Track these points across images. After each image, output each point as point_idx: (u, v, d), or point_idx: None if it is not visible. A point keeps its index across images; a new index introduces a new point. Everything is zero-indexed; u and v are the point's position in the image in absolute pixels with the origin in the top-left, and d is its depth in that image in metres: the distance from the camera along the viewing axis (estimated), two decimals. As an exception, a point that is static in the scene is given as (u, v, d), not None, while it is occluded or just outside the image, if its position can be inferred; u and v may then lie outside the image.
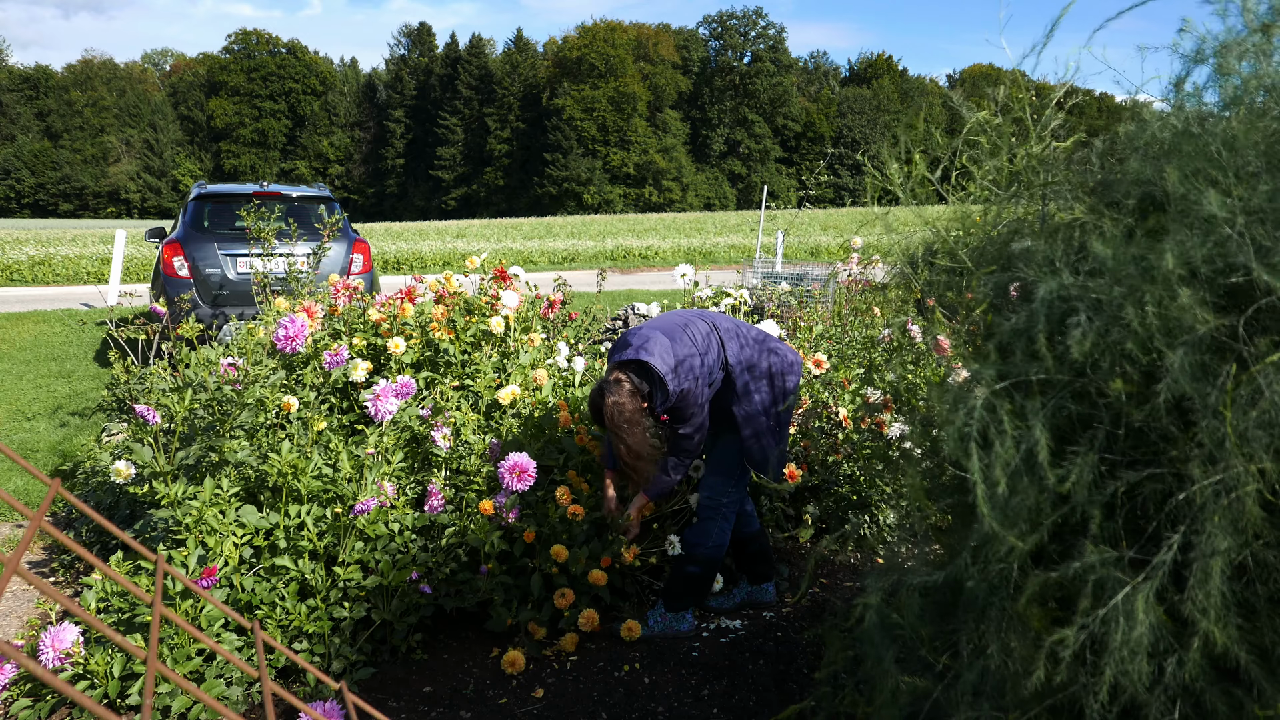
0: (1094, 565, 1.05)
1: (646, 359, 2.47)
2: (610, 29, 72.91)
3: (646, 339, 2.53)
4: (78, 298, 12.81)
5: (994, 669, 1.23)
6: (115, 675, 2.29)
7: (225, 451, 2.68)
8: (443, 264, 20.77)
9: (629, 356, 2.50)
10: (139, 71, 78.57)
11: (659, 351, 2.49)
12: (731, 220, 36.01)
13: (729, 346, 2.65)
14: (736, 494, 2.75)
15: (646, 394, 2.51)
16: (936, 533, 1.68)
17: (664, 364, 2.47)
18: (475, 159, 74.17)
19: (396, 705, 2.41)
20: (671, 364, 2.49)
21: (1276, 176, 1.03)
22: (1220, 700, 1.03)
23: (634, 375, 2.51)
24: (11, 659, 0.39)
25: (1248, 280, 1.02)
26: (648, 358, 2.47)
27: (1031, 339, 1.14)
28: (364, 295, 4.03)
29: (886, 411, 3.31)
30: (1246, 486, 0.95)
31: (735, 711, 2.36)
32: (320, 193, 7.64)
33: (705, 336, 2.63)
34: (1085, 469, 1.09)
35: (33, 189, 70.10)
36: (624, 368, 2.52)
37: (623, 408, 2.47)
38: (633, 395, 2.49)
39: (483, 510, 2.66)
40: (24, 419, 5.62)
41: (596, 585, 2.70)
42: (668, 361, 2.48)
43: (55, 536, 0.45)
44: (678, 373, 2.50)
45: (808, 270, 9.56)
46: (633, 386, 2.49)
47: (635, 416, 2.49)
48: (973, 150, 1.57)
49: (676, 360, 2.50)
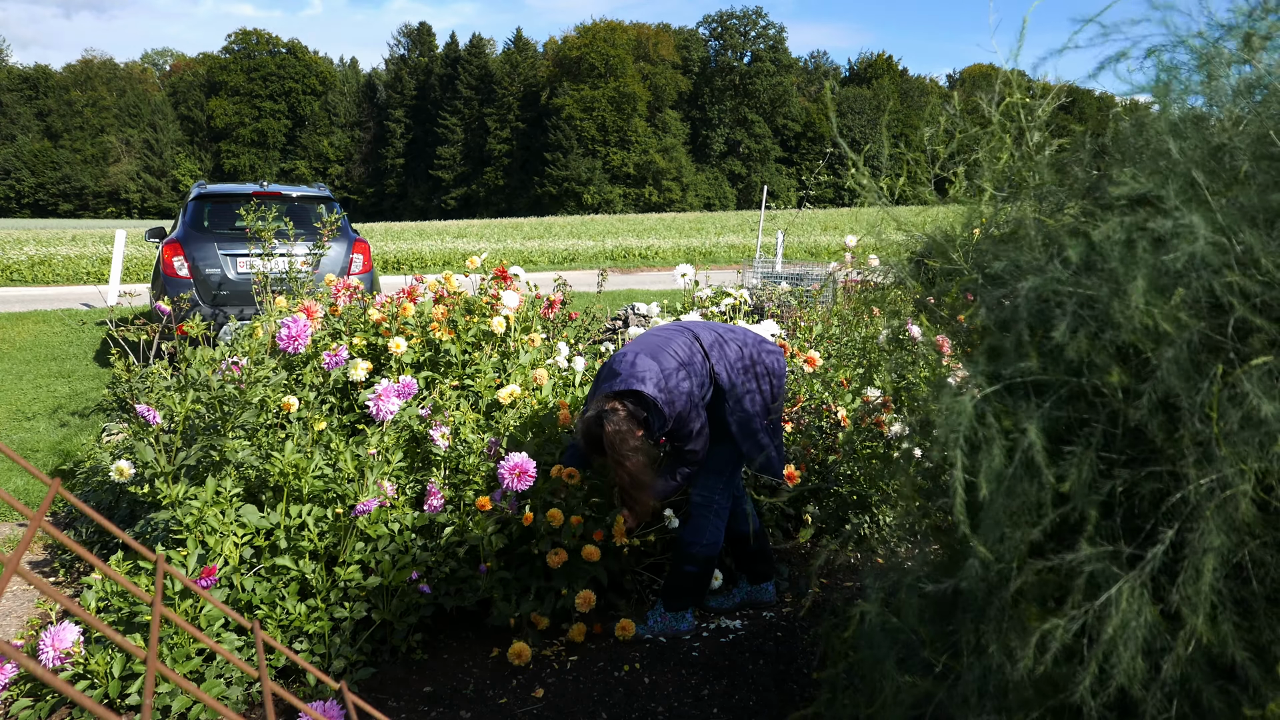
0: (1088, 558, 1.06)
1: (639, 388, 2.47)
2: (610, 29, 72.90)
3: (634, 364, 2.53)
4: (78, 298, 12.82)
5: (995, 669, 1.24)
6: (115, 675, 2.29)
7: (226, 451, 2.68)
8: (443, 264, 20.77)
9: (620, 387, 2.50)
10: (139, 71, 78.57)
11: (650, 378, 2.49)
12: (731, 220, 36.01)
13: (713, 356, 2.67)
14: (728, 491, 2.77)
15: (643, 420, 2.51)
16: (936, 532, 1.69)
17: (657, 390, 2.48)
18: (475, 159, 74.17)
19: (396, 705, 2.42)
20: (663, 386, 2.50)
21: (1265, 177, 1.04)
22: (1217, 698, 1.04)
23: (629, 403, 2.51)
24: (11, 659, 0.39)
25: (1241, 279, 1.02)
26: (640, 386, 2.47)
27: (1020, 337, 1.14)
28: (364, 295, 4.04)
29: (886, 411, 3.31)
30: (1239, 486, 0.95)
31: (735, 711, 2.36)
32: (320, 193, 7.65)
33: (689, 349, 2.64)
34: (1083, 468, 1.09)
35: (33, 189, 70.11)
36: (618, 397, 2.52)
37: (624, 436, 2.46)
38: (630, 420, 2.49)
39: (480, 506, 2.67)
40: (24, 419, 5.63)
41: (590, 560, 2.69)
42: (660, 386, 2.49)
43: (55, 536, 0.46)
44: (670, 394, 2.51)
45: (808, 270, 9.56)
46: (629, 413, 2.49)
47: (637, 443, 2.48)
48: (967, 155, 1.57)
49: (667, 382, 2.51)
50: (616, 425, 2.46)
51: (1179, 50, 1.23)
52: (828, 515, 3.48)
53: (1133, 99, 1.49)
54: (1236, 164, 1.12)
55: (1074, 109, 1.72)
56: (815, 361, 3.54)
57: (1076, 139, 1.46)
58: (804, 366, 3.55)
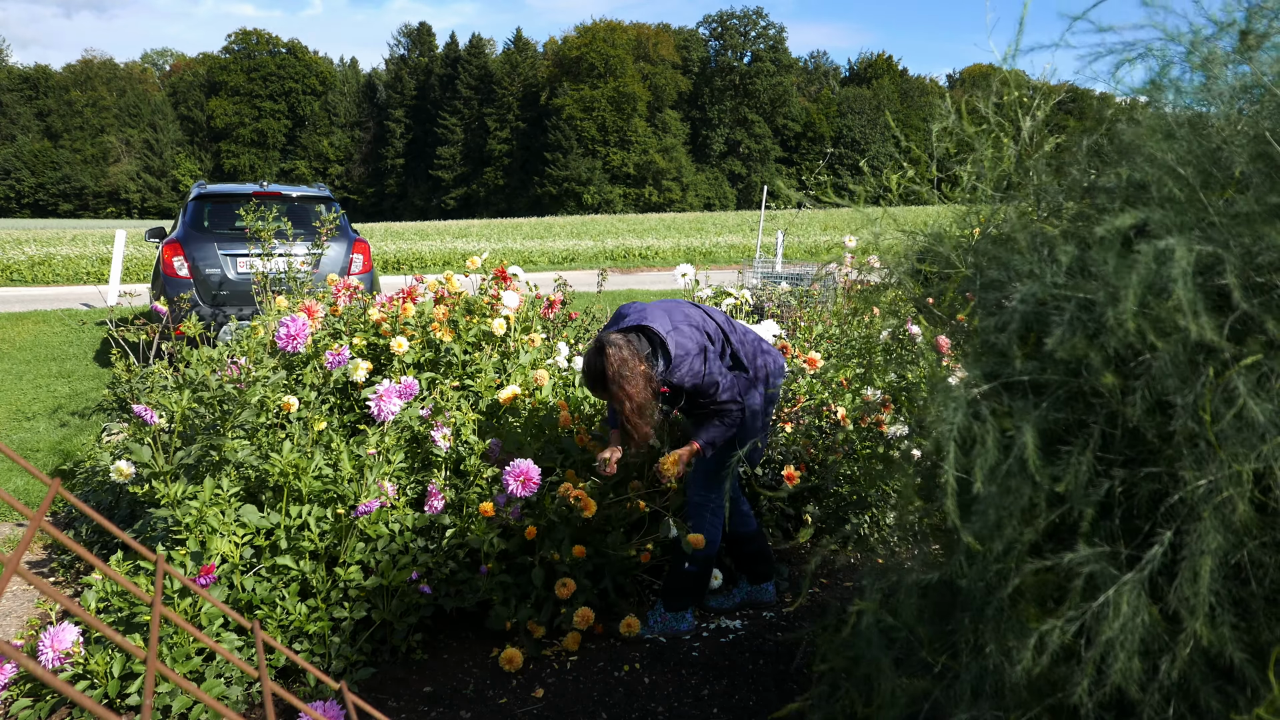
0: (1086, 559, 1.06)
1: (647, 323, 2.50)
2: (610, 29, 72.89)
3: (643, 310, 2.57)
4: (78, 298, 12.82)
5: (992, 669, 1.24)
6: (115, 675, 2.29)
7: (226, 451, 2.68)
8: (443, 264, 20.77)
9: (626, 325, 2.54)
10: (139, 71, 78.55)
11: (658, 319, 2.52)
12: (731, 220, 35.99)
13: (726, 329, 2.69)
14: (722, 490, 2.76)
15: (646, 356, 2.51)
16: (935, 532, 1.69)
17: (663, 329, 2.50)
18: (475, 159, 74.16)
19: (396, 705, 2.42)
20: (670, 329, 2.52)
21: (1263, 178, 1.04)
22: (1215, 698, 1.04)
23: (633, 336, 2.52)
24: (11, 659, 0.39)
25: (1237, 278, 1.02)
26: (648, 323, 2.50)
27: (1015, 340, 1.14)
28: (364, 295, 4.04)
29: (886, 411, 3.31)
30: (1236, 487, 0.95)
31: (735, 711, 2.36)
32: (320, 193, 7.65)
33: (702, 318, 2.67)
34: (1080, 468, 1.09)
35: (33, 189, 70.09)
36: (622, 332, 2.54)
37: (627, 361, 2.45)
38: (631, 349, 2.48)
39: (483, 512, 2.67)
40: (24, 419, 5.63)
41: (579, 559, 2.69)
42: (668, 328, 2.51)
43: (55, 536, 0.46)
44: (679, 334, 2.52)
45: (808, 270, 9.57)
46: (631, 345, 2.49)
47: (637, 367, 2.46)
48: (965, 155, 1.57)
49: (675, 326, 2.54)
50: (619, 351, 2.45)
51: (1171, 47, 1.23)
52: (827, 515, 3.48)
53: (1131, 99, 1.49)
54: (1232, 166, 1.12)
55: (1073, 109, 1.72)
56: (816, 362, 3.54)
57: (1073, 138, 1.47)
58: (804, 367, 3.55)
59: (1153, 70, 1.25)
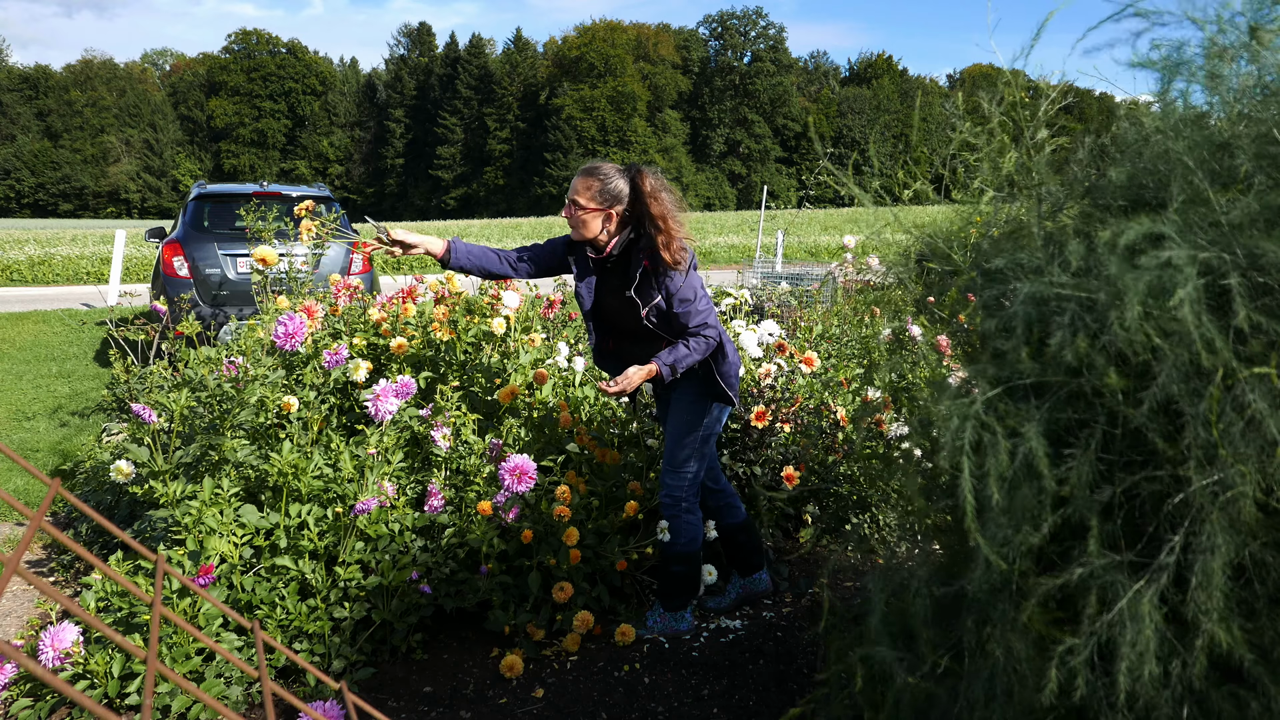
0: (1098, 570, 1.05)
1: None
2: (610, 29, 72.92)
3: None
4: (78, 298, 12.81)
5: (1000, 672, 1.23)
6: (115, 675, 2.29)
7: (225, 451, 2.67)
8: (443, 264, 20.71)
9: None
10: (139, 71, 78.57)
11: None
12: (731, 220, 35.99)
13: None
14: (695, 485, 2.73)
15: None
16: (937, 532, 1.68)
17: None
18: (475, 159, 74.19)
19: (396, 705, 2.41)
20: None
21: (1268, 177, 1.03)
22: (1225, 701, 1.03)
23: None
24: (11, 659, 0.39)
25: (1242, 281, 1.02)
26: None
27: (1024, 341, 1.14)
28: (364, 295, 4.03)
29: (886, 411, 3.31)
30: (1242, 488, 0.95)
31: (735, 711, 2.36)
32: (320, 193, 7.65)
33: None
34: (1083, 470, 1.09)
35: (33, 189, 70.11)
36: None
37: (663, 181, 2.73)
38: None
39: (481, 511, 2.66)
40: (24, 419, 5.62)
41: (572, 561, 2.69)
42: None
43: (55, 536, 0.45)
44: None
45: (808, 270, 9.57)
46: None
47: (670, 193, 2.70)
48: (968, 155, 1.57)
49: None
50: (656, 175, 2.69)
51: (1184, 47, 1.22)
52: (828, 515, 3.47)
53: (1134, 98, 1.49)
54: (1237, 164, 1.12)
55: (1075, 109, 1.71)
56: (813, 363, 3.54)
57: (1076, 138, 1.46)
58: (802, 367, 3.55)
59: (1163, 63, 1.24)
